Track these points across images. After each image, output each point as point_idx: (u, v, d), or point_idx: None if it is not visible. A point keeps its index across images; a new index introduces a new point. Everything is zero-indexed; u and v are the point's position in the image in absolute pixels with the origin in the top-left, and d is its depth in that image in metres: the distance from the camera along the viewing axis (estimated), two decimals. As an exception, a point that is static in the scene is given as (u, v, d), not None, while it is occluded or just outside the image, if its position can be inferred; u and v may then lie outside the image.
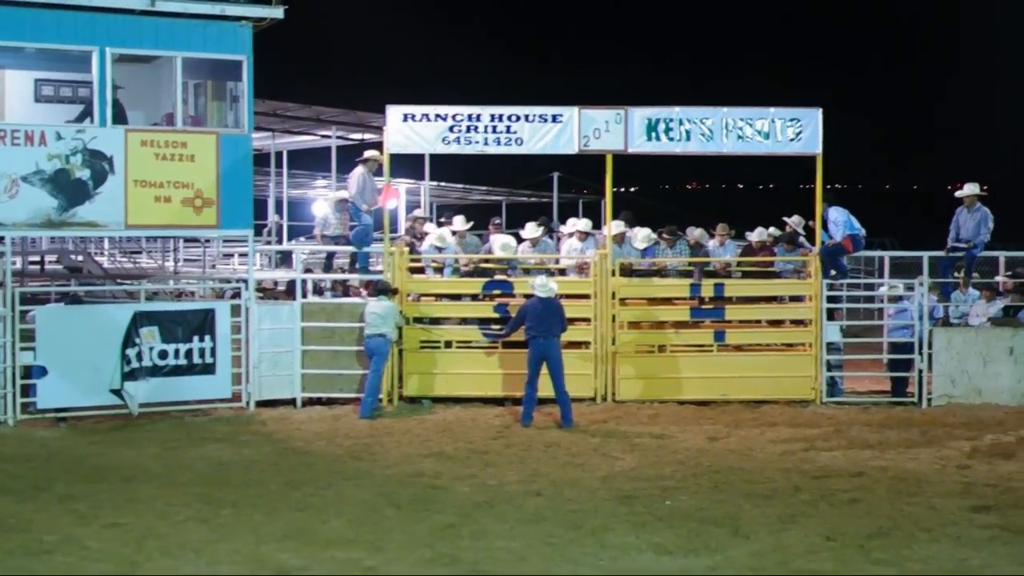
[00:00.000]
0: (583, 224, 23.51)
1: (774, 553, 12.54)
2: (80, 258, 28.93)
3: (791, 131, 22.29)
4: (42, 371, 19.79)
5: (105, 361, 20.04)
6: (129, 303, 21.98)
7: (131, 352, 20.23)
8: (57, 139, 20.37)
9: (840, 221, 22.28)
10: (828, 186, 22.69)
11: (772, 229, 23.69)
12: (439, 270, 22.88)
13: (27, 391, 19.86)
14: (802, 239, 23.23)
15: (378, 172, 22.77)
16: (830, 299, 22.44)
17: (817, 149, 22.32)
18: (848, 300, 23.63)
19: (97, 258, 32.68)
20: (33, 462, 16.90)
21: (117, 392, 20.09)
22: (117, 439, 18.69)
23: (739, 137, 22.33)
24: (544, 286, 20.36)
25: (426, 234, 23.30)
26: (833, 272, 22.45)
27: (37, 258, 30.09)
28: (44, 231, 22.57)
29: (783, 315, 23.15)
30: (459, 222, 23.11)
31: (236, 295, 22.13)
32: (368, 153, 22.87)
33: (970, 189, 22.64)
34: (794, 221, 23.33)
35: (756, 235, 23.74)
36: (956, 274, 23.00)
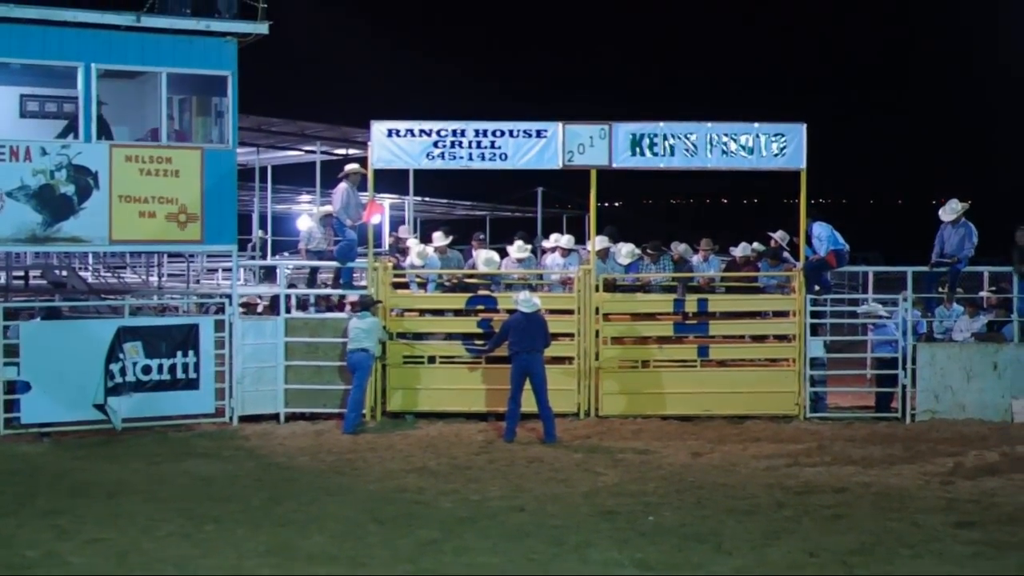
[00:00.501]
0: (565, 240, 23.51)
1: (757, 569, 12.57)
2: (64, 273, 28.88)
3: (775, 146, 22.34)
4: (26, 386, 19.77)
5: (89, 376, 20.01)
6: (113, 318, 21.94)
7: (115, 367, 20.21)
8: (42, 154, 20.35)
9: (824, 236, 22.32)
10: (812, 201, 22.74)
11: (756, 244, 23.71)
12: (423, 285, 22.87)
13: (10, 406, 19.82)
14: (786, 254, 23.27)
15: (362, 186, 22.76)
16: (814, 314, 22.46)
17: (801, 164, 22.36)
18: (832, 315, 23.65)
19: (81, 273, 32.60)
20: (16, 477, 16.86)
21: (101, 407, 20.05)
22: (100, 454, 18.67)
23: (723, 152, 22.37)
24: (527, 301, 20.37)
25: (406, 249, 23.29)
26: (817, 287, 22.48)
27: (21, 273, 30.01)
28: (28, 246, 22.54)
29: (767, 330, 23.20)
30: (438, 238, 23.08)
31: (220, 310, 22.09)
32: (349, 167, 22.83)
33: (952, 207, 22.63)
34: (778, 236, 23.37)
35: (740, 250, 23.77)
36: (940, 289, 23.06)
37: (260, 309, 23.00)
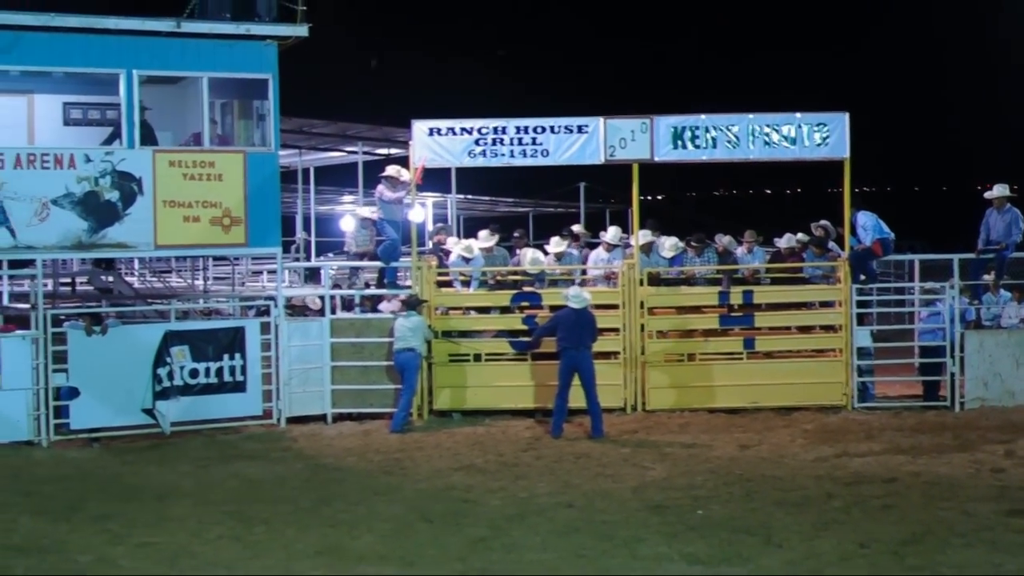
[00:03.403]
0: (610, 235, 23.43)
1: (807, 561, 12.52)
2: (111, 279, 29.03)
3: (818, 136, 22.25)
4: (75, 392, 19.90)
5: (137, 381, 20.13)
6: (160, 323, 22.05)
7: (162, 371, 20.32)
8: (86, 162, 20.47)
9: (869, 225, 22.22)
10: (856, 190, 22.63)
11: (800, 235, 23.60)
12: (466, 283, 22.87)
13: (60, 412, 19.95)
14: (831, 244, 23.16)
15: (402, 187, 22.68)
16: (860, 304, 22.36)
17: (845, 153, 22.26)
18: (878, 304, 23.53)
19: (127, 278, 32.78)
20: (67, 482, 16.97)
21: (149, 412, 20.17)
22: (149, 458, 18.77)
23: (766, 143, 22.29)
24: (578, 296, 20.35)
25: (448, 251, 23.23)
26: (863, 277, 22.37)
27: (68, 280, 30.19)
28: (75, 253, 22.61)
29: (813, 321, 23.09)
30: (484, 237, 23.09)
31: (265, 312, 22.15)
32: (389, 169, 22.86)
33: (1000, 190, 22.49)
34: (823, 226, 23.27)
35: (785, 241, 23.66)
36: (987, 276, 22.89)
37: (317, 308, 23.00)
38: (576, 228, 24.43)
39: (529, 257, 22.84)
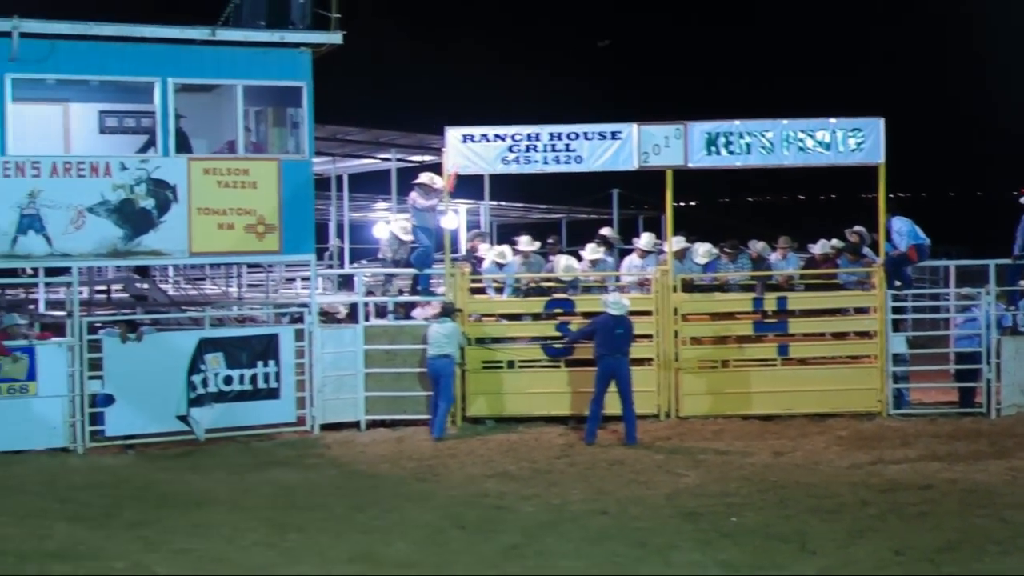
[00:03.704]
0: (643, 242, 23.41)
1: (843, 569, 12.51)
2: (145, 286, 29.17)
3: (853, 141, 22.16)
4: (110, 399, 19.99)
5: (171, 388, 20.21)
6: (194, 330, 22.12)
7: (197, 378, 20.38)
8: (122, 169, 20.57)
9: (904, 231, 22.14)
10: (891, 195, 22.54)
11: (835, 241, 23.52)
12: (500, 290, 22.88)
13: (95, 419, 20.04)
14: (866, 250, 23.08)
15: (435, 194, 22.70)
16: (895, 310, 22.27)
17: (880, 159, 22.17)
18: (913, 311, 23.44)
19: (161, 285, 32.91)
20: (102, 489, 17.04)
21: (183, 418, 20.24)
22: (184, 465, 18.83)
23: (800, 149, 22.21)
24: (617, 303, 20.35)
25: (481, 258, 23.24)
26: (898, 283, 22.27)
27: (103, 287, 30.33)
28: (110, 261, 22.72)
29: (847, 327, 23.00)
30: (525, 242, 23.11)
31: (298, 319, 22.21)
32: (422, 177, 22.90)
33: (1034, 193, 22.41)
34: (858, 231, 23.19)
35: (819, 247, 23.59)
36: (1023, 281, 22.77)
37: (340, 316, 23.06)
38: (607, 231, 24.36)
39: (563, 264, 22.84)
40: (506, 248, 23.03)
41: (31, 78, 20.46)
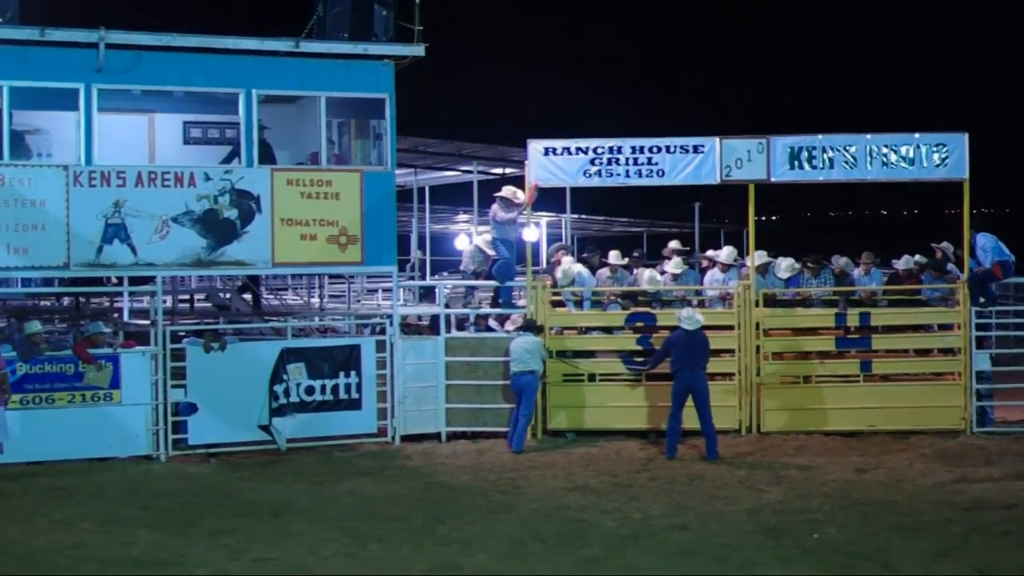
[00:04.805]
0: (724, 255, 23.31)
1: (926, 587, 12.36)
2: (228, 296, 29.36)
3: (937, 156, 21.97)
4: (193, 408, 20.15)
5: (254, 398, 20.37)
6: (276, 340, 22.25)
7: (279, 388, 20.53)
8: (206, 180, 20.75)
9: (989, 247, 21.91)
10: (975, 211, 22.31)
11: (919, 256, 23.30)
12: (579, 303, 22.83)
13: (178, 428, 20.21)
14: (950, 266, 22.85)
15: (516, 207, 22.71)
16: (979, 327, 22.03)
17: (964, 174, 21.96)
18: (998, 327, 23.16)
19: (244, 296, 33.13)
20: (184, 497, 17.18)
21: (265, 428, 20.41)
22: (265, 474, 18.94)
23: (883, 164, 22.05)
24: (691, 318, 20.27)
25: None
26: (982, 299, 22.02)
27: (186, 297, 30.59)
28: (194, 271, 22.92)
29: (931, 344, 22.77)
30: (614, 257, 23.08)
31: (381, 330, 22.28)
32: (504, 190, 22.94)
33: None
34: (942, 248, 22.98)
35: (903, 263, 23.36)
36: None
37: (424, 324, 23.09)
38: (673, 244, 24.21)
39: (647, 276, 22.77)
40: (575, 266, 22.87)
41: (117, 89, 20.70)
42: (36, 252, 19.99)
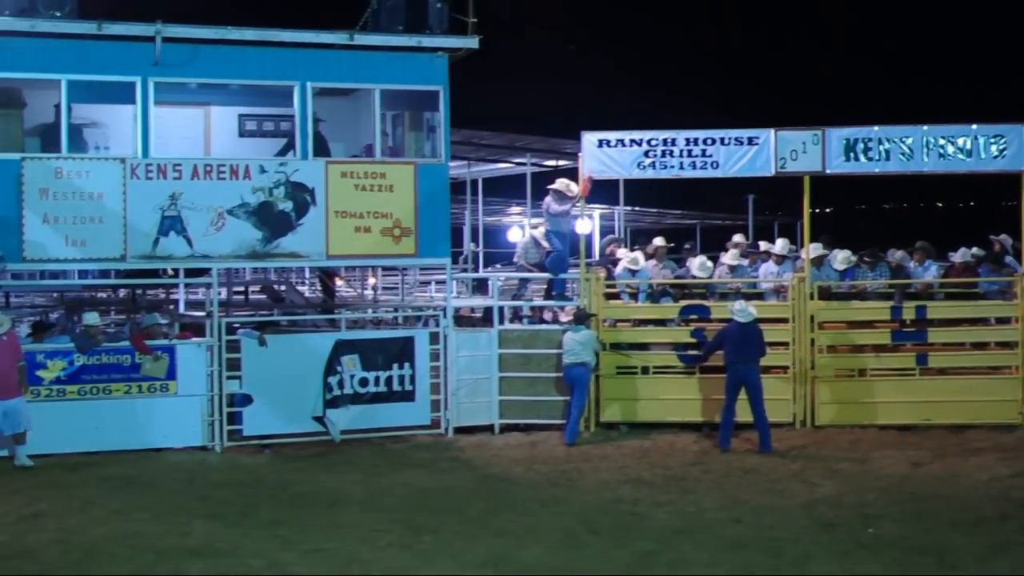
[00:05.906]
0: (778, 247, 23.21)
1: (982, 583, 12.28)
2: (283, 288, 29.50)
3: (995, 148, 21.79)
4: (248, 399, 20.25)
5: (308, 389, 20.46)
6: (330, 332, 22.32)
7: (333, 380, 20.61)
8: (261, 172, 20.85)
9: (1047, 240, 21.73)
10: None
11: (975, 249, 23.13)
12: (634, 295, 22.80)
13: (233, 418, 20.32)
14: (1008, 259, 22.66)
15: (569, 199, 22.70)
16: (1037, 320, 21.85)
17: (1022, 166, 21.77)
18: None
19: (298, 287, 33.28)
20: (240, 488, 17.27)
21: (319, 419, 20.49)
22: (320, 465, 19.01)
23: (940, 155, 21.89)
24: (743, 311, 20.21)
25: (619, 260, 23.22)
26: (1040, 292, 21.85)
27: (241, 288, 30.73)
28: (249, 262, 23.03)
29: (988, 338, 22.59)
30: (658, 242, 23.10)
31: (433, 322, 22.33)
32: (557, 183, 22.93)
33: None
34: (1001, 240, 22.79)
35: (959, 255, 23.19)
36: None
37: (477, 315, 23.11)
38: (738, 238, 24.17)
39: (698, 263, 22.69)
40: (638, 254, 22.90)
41: (173, 82, 20.83)
42: (94, 244, 20.16)
